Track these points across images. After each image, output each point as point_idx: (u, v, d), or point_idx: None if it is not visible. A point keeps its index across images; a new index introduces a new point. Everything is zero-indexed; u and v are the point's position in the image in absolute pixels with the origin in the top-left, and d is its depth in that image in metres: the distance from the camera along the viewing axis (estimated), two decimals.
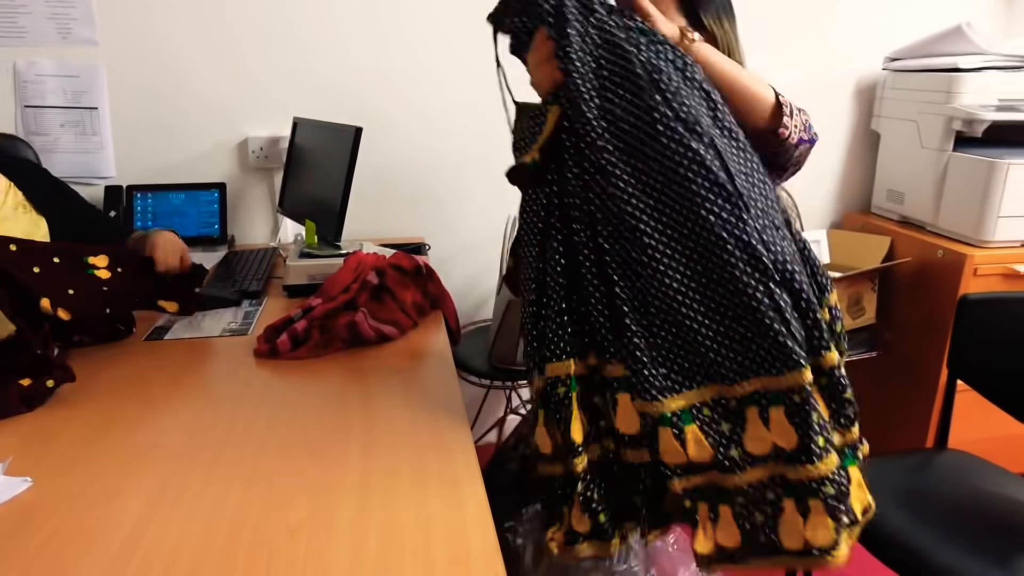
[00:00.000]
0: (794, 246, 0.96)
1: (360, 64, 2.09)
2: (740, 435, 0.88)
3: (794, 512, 0.86)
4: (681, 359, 0.90)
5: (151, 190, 2.02)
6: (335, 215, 1.70)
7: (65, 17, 1.93)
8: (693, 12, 1.13)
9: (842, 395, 0.93)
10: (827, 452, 0.87)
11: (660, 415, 0.88)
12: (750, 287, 0.86)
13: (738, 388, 0.88)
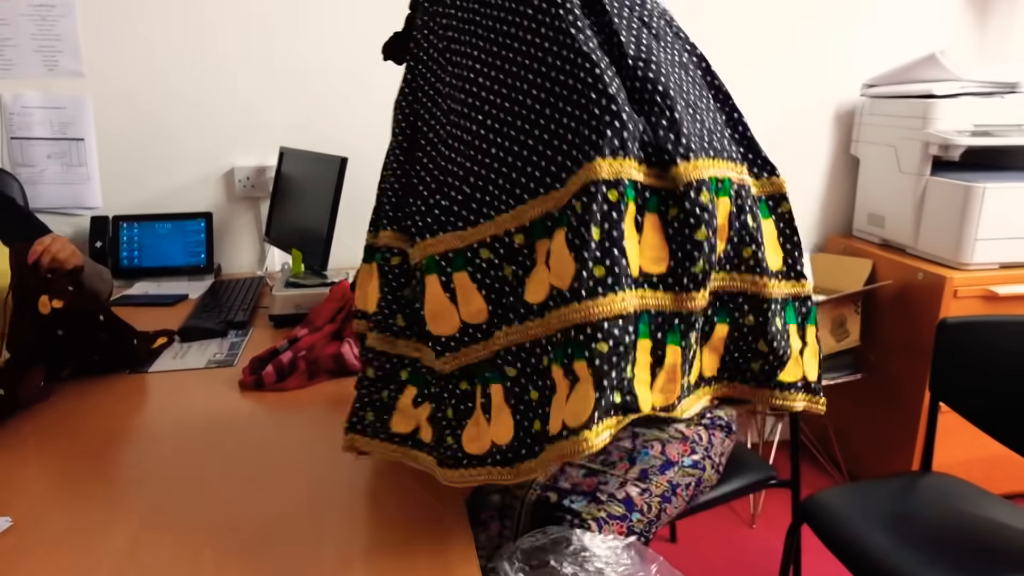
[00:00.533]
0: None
1: (346, 93, 2.11)
2: (522, 280, 0.76)
3: (563, 381, 0.73)
4: (468, 188, 0.78)
5: (137, 220, 2.02)
6: (321, 244, 1.71)
7: (52, 50, 1.95)
8: None
9: (744, 228, 0.80)
10: (608, 290, 0.71)
11: (427, 260, 0.77)
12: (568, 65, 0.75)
13: (527, 212, 0.76)
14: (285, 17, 2.03)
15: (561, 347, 0.73)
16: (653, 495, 1.26)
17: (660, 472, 1.29)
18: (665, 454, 1.32)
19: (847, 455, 2.41)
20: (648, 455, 1.31)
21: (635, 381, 0.75)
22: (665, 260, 0.76)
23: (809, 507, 1.42)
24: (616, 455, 1.32)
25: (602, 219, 0.71)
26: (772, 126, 2.39)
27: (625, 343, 0.71)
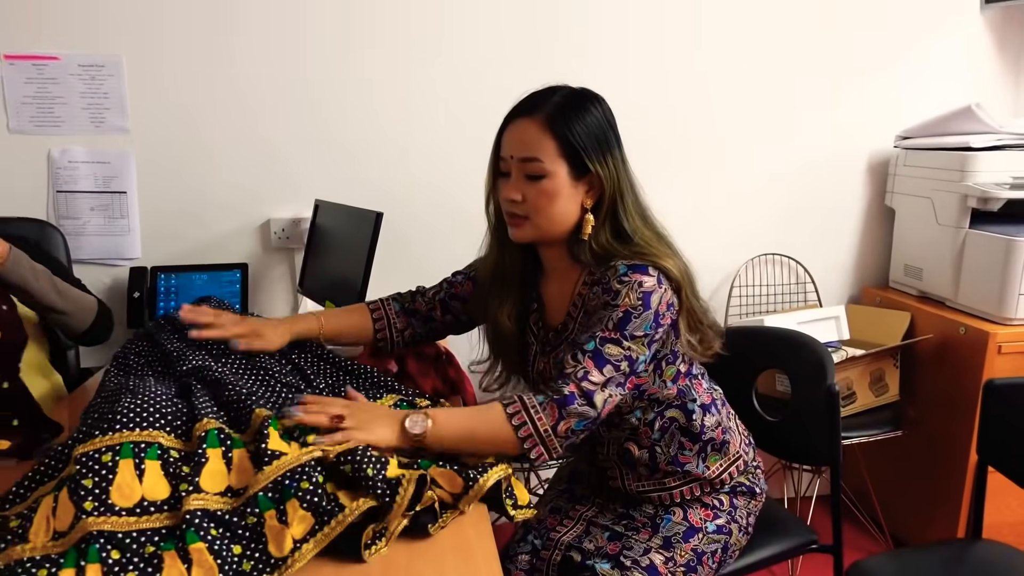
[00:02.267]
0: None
1: (382, 148, 2.15)
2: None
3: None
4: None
5: (175, 271, 2.06)
6: (355, 296, 1.72)
7: (99, 107, 2.01)
8: (578, 159, 1.15)
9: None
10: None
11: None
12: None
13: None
14: (320, 74, 2.08)
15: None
16: (678, 564, 1.23)
17: (684, 540, 1.25)
18: (687, 520, 1.28)
19: (888, 515, 2.33)
20: (670, 521, 1.28)
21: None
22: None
23: None
24: (639, 520, 1.29)
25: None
26: (805, 176, 2.38)
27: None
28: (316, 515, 0.92)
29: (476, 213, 2.20)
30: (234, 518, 0.92)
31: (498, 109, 1.20)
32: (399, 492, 0.95)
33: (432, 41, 2.12)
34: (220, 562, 0.87)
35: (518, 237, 1.23)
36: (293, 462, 0.96)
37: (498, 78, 2.15)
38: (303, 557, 0.89)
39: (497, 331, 1.32)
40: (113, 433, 0.98)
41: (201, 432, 1.01)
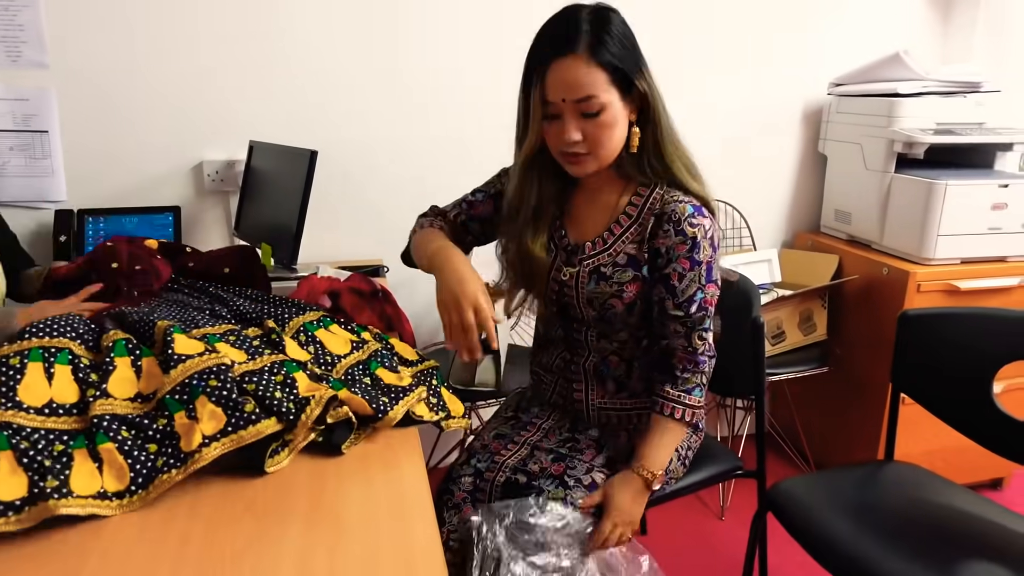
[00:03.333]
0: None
1: (317, 86, 2.10)
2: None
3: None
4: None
5: (103, 214, 1.99)
6: (291, 238, 1.70)
7: (14, 40, 1.91)
8: (625, 79, 1.16)
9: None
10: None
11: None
12: None
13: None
14: (258, 9, 2.01)
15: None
16: None
17: (626, 461, 1.30)
18: (631, 444, 1.33)
19: (814, 447, 2.45)
20: (614, 444, 1.33)
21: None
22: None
23: (774, 496, 1.45)
24: (584, 443, 1.34)
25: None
26: (742, 124, 2.42)
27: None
28: (227, 411, 0.94)
29: (420, 147, 2.19)
30: (145, 420, 0.94)
31: (433, 37, 1.17)
32: (305, 411, 0.97)
33: None
34: (131, 461, 0.88)
35: (579, 173, 1.23)
36: (200, 365, 0.98)
37: (440, 14, 2.12)
38: (208, 455, 0.90)
39: (528, 260, 1.30)
40: (22, 341, 0.98)
41: (109, 343, 1.02)
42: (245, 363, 1.04)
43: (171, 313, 1.18)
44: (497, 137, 2.24)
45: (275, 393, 0.99)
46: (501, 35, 2.17)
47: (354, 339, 1.23)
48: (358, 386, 1.10)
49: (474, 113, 2.22)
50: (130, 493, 0.86)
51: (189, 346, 1.01)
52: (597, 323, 1.30)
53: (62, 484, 0.82)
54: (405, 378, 1.16)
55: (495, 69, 2.19)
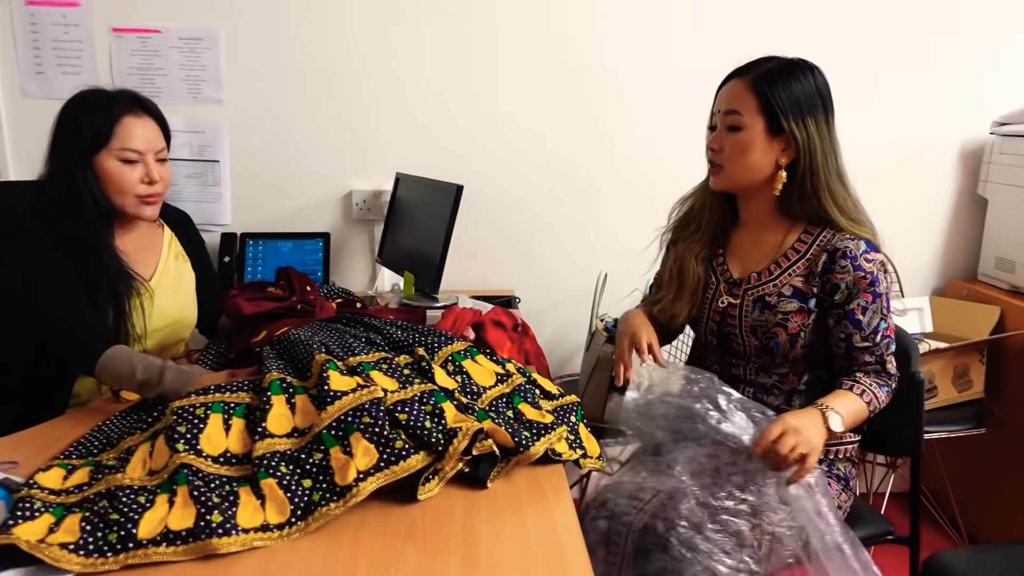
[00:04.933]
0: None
1: (458, 121, 2.18)
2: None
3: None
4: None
5: (262, 238, 2.15)
6: (433, 268, 1.76)
7: (196, 79, 2.11)
8: (775, 118, 1.25)
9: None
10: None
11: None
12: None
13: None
14: (406, 49, 2.13)
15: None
16: (764, 533, 1.23)
17: (774, 512, 1.25)
18: (780, 494, 1.28)
19: (967, 515, 2.25)
20: (761, 491, 1.28)
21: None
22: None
23: (930, 568, 1.34)
24: (728, 488, 1.29)
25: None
26: (893, 166, 2.30)
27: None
28: (379, 447, 0.98)
29: (551, 188, 2.23)
30: (302, 455, 0.99)
31: (577, 88, 1.22)
32: (453, 443, 1.00)
33: (519, 18, 2.14)
34: (290, 495, 0.93)
35: (715, 185, 1.35)
36: (354, 402, 1.02)
37: (579, 58, 2.16)
38: (365, 489, 0.93)
39: (682, 270, 1.42)
40: (207, 395, 1.07)
41: (266, 383, 1.09)
42: (396, 391, 1.08)
43: (330, 338, 1.25)
44: (618, 181, 2.25)
45: (425, 423, 1.02)
46: (647, 93, 2.19)
47: (499, 371, 1.26)
48: (501, 418, 1.12)
49: (604, 159, 2.24)
50: (290, 525, 0.91)
51: (343, 383, 1.06)
52: (758, 355, 1.34)
53: (226, 520, 0.88)
54: (547, 416, 1.17)
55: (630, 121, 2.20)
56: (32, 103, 2.09)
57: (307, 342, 1.18)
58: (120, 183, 1.44)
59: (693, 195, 1.46)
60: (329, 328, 1.33)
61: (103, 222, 1.46)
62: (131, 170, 1.44)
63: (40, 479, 0.97)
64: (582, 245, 2.29)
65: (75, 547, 0.84)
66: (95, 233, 1.43)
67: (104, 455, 1.07)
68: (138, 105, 1.49)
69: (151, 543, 0.85)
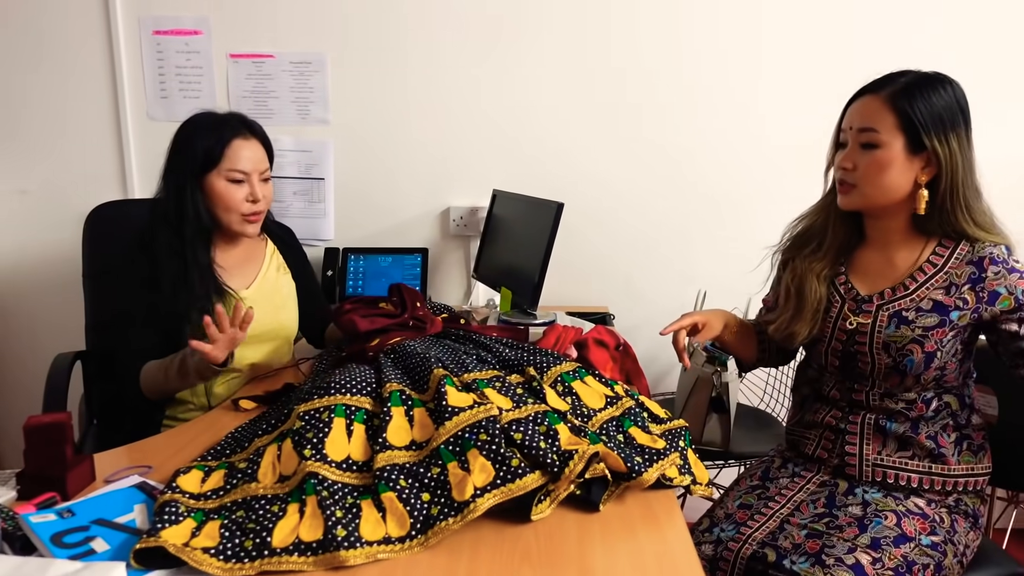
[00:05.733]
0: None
1: (555, 140, 2.20)
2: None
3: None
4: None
5: (363, 253, 2.21)
6: (532, 284, 1.77)
7: (305, 101, 2.21)
8: (916, 135, 1.20)
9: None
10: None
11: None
12: None
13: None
14: (505, 70, 2.16)
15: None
16: (886, 567, 1.17)
17: (894, 545, 1.19)
18: (900, 527, 1.22)
19: None
20: (880, 524, 1.23)
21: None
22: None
23: None
24: (843, 519, 1.24)
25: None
26: None
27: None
28: (495, 464, 0.98)
29: (647, 204, 2.21)
30: (420, 469, 1.01)
31: (676, 106, 1.21)
32: (568, 465, 1.00)
33: (614, 36, 2.14)
34: (409, 509, 0.95)
35: (845, 204, 1.30)
36: (471, 418, 1.04)
37: (677, 76, 2.14)
38: (481, 506, 0.94)
39: (802, 289, 1.37)
40: (328, 396, 1.10)
41: (386, 394, 1.11)
42: (511, 411, 1.09)
43: (444, 354, 1.27)
44: (717, 196, 2.20)
45: (540, 443, 1.02)
46: (744, 112, 2.15)
47: (608, 393, 1.25)
48: (613, 442, 1.11)
49: (701, 174, 2.20)
50: (410, 538, 0.93)
51: (460, 399, 1.08)
52: (887, 376, 1.29)
53: (350, 534, 0.91)
54: (658, 441, 1.15)
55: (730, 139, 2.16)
56: (156, 125, 2.23)
57: (423, 355, 1.21)
58: (227, 201, 1.53)
59: (811, 214, 1.41)
60: (440, 343, 1.36)
61: (200, 239, 1.53)
62: (237, 189, 1.53)
63: (181, 482, 1.03)
64: (679, 261, 2.26)
65: (215, 552, 0.88)
66: (190, 248, 1.51)
67: (236, 457, 1.12)
68: (246, 128, 1.57)
69: (284, 551, 0.89)
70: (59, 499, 1.01)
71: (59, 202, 2.28)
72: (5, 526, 0.90)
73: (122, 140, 2.23)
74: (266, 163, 1.60)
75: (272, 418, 1.20)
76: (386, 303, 1.56)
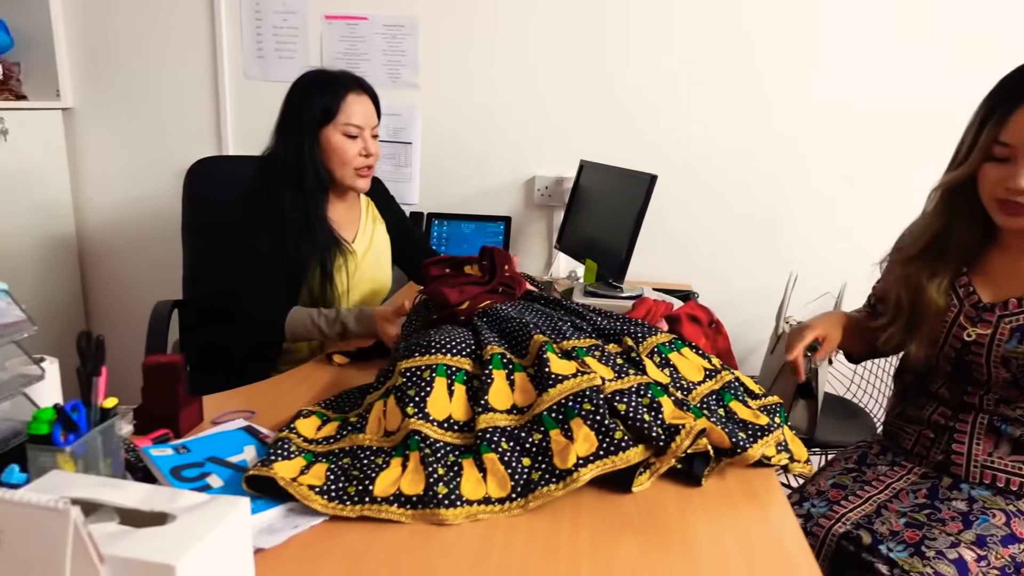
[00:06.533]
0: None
1: (646, 111, 2.15)
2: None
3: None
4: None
5: (447, 219, 2.22)
6: (620, 258, 1.74)
7: (396, 64, 2.21)
8: None
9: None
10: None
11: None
12: None
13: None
14: (598, 39, 2.12)
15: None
16: (992, 565, 1.12)
17: (1002, 544, 1.14)
18: (1010, 527, 1.16)
19: None
20: (987, 522, 1.17)
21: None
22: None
23: None
24: (947, 513, 1.19)
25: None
26: None
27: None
28: (599, 435, 0.98)
29: (739, 182, 2.14)
30: (522, 433, 1.01)
31: (776, 87, 1.14)
32: (675, 440, 0.98)
33: (720, 10, 2.07)
34: (510, 472, 0.95)
35: (1011, 225, 1.16)
36: (575, 387, 1.03)
37: (782, 57, 2.06)
38: (584, 476, 0.94)
39: (919, 301, 1.25)
40: (429, 355, 1.11)
41: (487, 356, 1.11)
42: (613, 381, 1.08)
43: (539, 319, 1.27)
44: (814, 182, 2.12)
45: (644, 415, 1.01)
46: (848, 90, 2.06)
47: (707, 366, 1.22)
48: (714, 416, 1.09)
49: (800, 156, 2.12)
50: (511, 500, 0.94)
51: (563, 366, 1.07)
52: (1004, 387, 1.20)
53: (451, 491, 0.92)
54: (761, 416, 1.12)
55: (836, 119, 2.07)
56: (252, 84, 2.28)
57: (519, 320, 1.21)
58: (342, 155, 1.58)
59: (930, 217, 1.27)
60: (531, 308, 1.35)
61: (320, 191, 1.59)
62: (352, 144, 1.58)
63: (299, 425, 1.06)
64: (767, 243, 2.19)
65: (320, 490, 0.91)
66: (311, 202, 1.57)
67: (352, 412, 1.14)
68: (359, 85, 1.62)
69: (384, 501, 0.90)
70: (172, 436, 1.05)
71: (156, 157, 2.36)
72: (128, 456, 0.94)
73: (218, 97, 2.29)
74: (376, 119, 1.65)
75: (381, 376, 1.22)
76: (471, 266, 1.56)
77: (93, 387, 0.87)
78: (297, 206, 1.55)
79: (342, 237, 1.62)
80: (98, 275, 2.50)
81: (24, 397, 0.91)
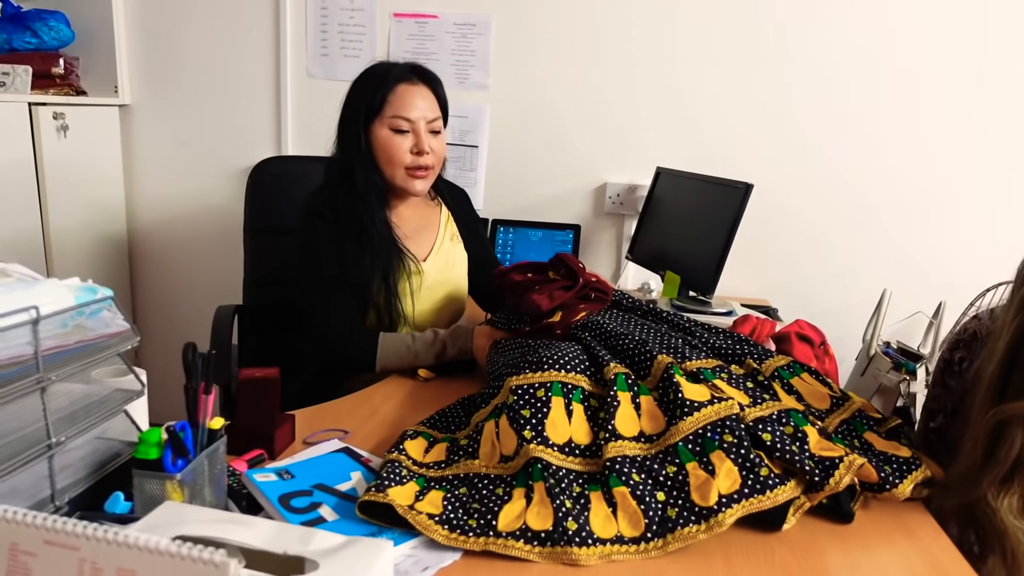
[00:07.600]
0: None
1: (724, 120, 2.05)
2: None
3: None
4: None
5: (513, 225, 2.14)
6: (710, 271, 1.65)
7: (465, 64, 2.13)
8: None
9: None
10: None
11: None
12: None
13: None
14: (675, 44, 2.03)
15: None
16: None
17: None
18: None
19: None
20: None
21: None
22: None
23: None
24: None
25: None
26: None
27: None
28: (743, 470, 0.88)
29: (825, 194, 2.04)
30: (655, 465, 0.91)
31: (868, 101, 1.04)
32: (833, 475, 0.89)
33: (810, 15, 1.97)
34: (643, 507, 0.86)
35: None
36: (713, 415, 0.94)
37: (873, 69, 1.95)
38: (729, 518, 0.84)
39: (999, 441, 1.07)
40: (542, 371, 1.02)
41: (610, 376, 1.02)
42: (750, 407, 0.99)
43: (649, 336, 1.17)
44: (903, 195, 2.01)
45: (791, 447, 0.92)
46: (957, 117, 1.95)
47: (831, 393, 1.12)
48: (856, 450, 0.99)
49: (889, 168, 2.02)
50: (646, 540, 0.84)
51: (696, 392, 0.98)
52: None
53: (581, 527, 0.82)
54: (901, 448, 1.02)
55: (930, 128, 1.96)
56: (315, 83, 2.21)
57: (631, 336, 1.11)
58: (389, 152, 1.41)
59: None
60: (630, 319, 1.26)
61: (374, 194, 1.43)
62: (402, 139, 1.41)
63: (408, 446, 0.97)
64: (851, 258, 2.08)
65: (440, 519, 0.82)
66: (365, 206, 1.41)
67: (460, 433, 1.06)
68: (414, 73, 1.46)
69: (510, 536, 0.82)
70: (267, 457, 0.97)
71: (215, 156, 2.30)
72: (230, 482, 0.86)
73: (280, 96, 2.22)
74: (436, 112, 1.46)
75: (485, 391, 1.13)
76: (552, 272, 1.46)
77: (203, 406, 0.79)
78: (353, 214, 1.41)
79: (407, 248, 1.46)
80: (147, 275, 2.44)
81: (125, 415, 0.83)
